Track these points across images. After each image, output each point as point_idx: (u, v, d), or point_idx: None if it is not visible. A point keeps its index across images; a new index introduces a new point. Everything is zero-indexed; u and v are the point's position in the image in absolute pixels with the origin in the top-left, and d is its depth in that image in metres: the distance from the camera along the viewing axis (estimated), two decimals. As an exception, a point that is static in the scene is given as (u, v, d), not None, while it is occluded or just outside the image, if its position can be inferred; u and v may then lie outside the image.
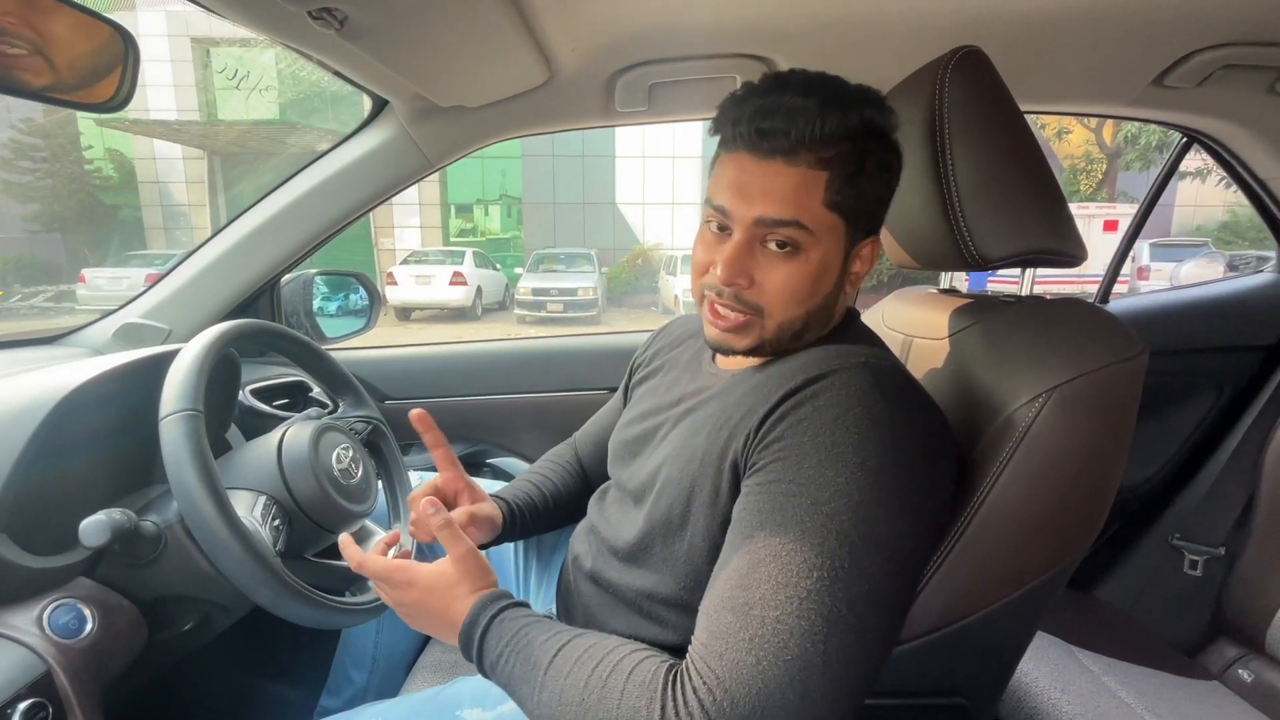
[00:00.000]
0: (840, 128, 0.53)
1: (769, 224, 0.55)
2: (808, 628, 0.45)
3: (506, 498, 0.81)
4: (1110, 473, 0.59)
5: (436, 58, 0.89)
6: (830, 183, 0.54)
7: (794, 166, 0.54)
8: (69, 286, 11.22)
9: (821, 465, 0.49)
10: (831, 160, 0.54)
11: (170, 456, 0.61)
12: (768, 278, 0.57)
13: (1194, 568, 1.28)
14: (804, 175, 0.54)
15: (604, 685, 0.48)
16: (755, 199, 0.55)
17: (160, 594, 0.69)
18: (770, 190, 0.55)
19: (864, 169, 0.55)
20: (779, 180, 0.54)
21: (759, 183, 0.55)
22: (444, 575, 0.59)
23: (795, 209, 0.54)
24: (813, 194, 0.54)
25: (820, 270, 0.57)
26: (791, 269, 0.57)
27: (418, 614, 0.60)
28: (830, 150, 0.54)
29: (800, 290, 0.57)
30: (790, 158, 0.54)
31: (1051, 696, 0.97)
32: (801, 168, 0.54)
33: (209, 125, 14.04)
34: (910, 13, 0.90)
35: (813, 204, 0.55)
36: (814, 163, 0.54)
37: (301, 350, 0.89)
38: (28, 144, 13.66)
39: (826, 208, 0.55)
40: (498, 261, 12.97)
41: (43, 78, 0.49)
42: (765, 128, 0.54)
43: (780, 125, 0.53)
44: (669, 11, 0.89)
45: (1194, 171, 11.73)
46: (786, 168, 0.54)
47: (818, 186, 0.54)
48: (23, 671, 0.56)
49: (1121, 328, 0.59)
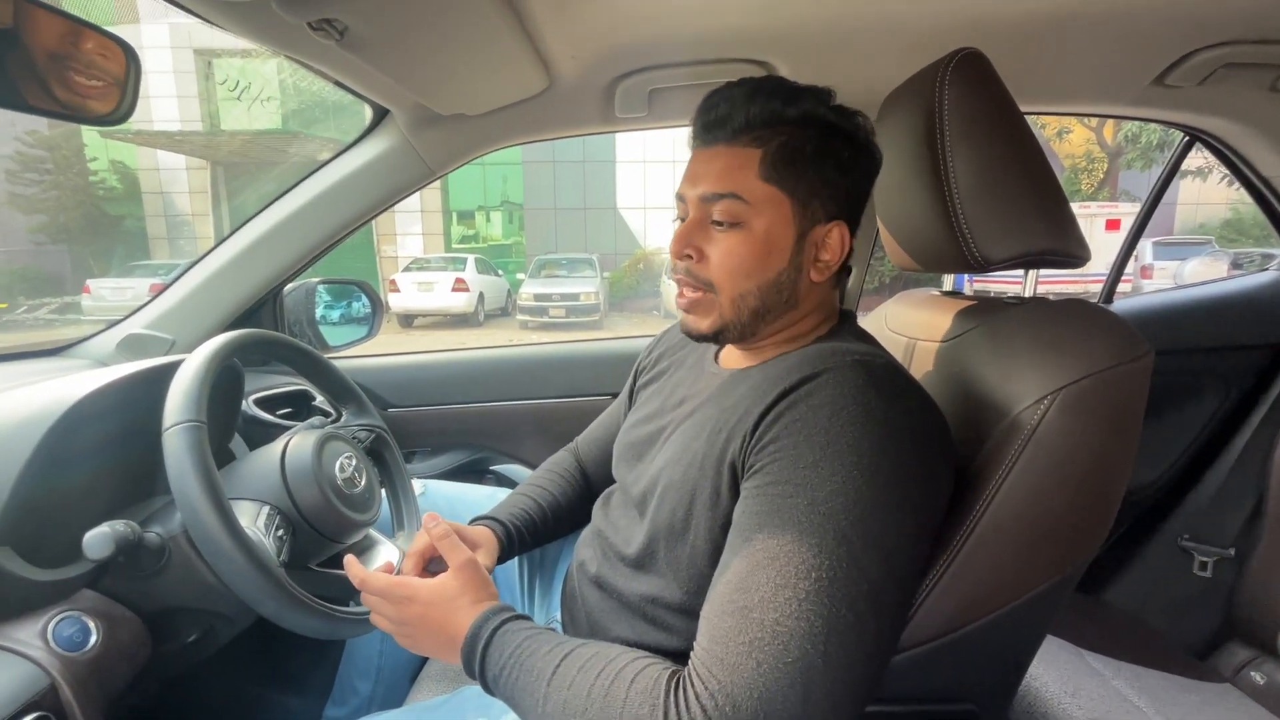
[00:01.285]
0: (770, 112, 0.59)
1: (709, 199, 0.60)
2: (807, 629, 0.45)
3: (502, 518, 0.80)
4: (1118, 474, 0.58)
5: (436, 67, 0.89)
6: (765, 158, 0.59)
7: (733, 147, 0.60)
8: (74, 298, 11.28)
9: (817, 464, 0.49)
10: (765, 138, 0.59)
11: (173, 468, 0.61)
12: (715, 251, 0.61)
13: (1203, 569, 1.27)
14: (739, 153, 0.60)
15: (606, 693, 0.48)
16: (699, 179, 0.61)
17: (164, 606, 0.69)
18: (711, 170, 0.60)
19: (805, 153, 0.59)
20: (718, 160, 0.60)
21: (703, 166, 0.61)
22: (445, 588, 0.60)
23: (730, 183, 0.59)
24: (747, 169, 0.59)
25: (765, 242, 0.60)
26: (734, 240, 0.60)
27: (419, 631, 0.60)
28: (763, 130, 0.59)
29: (745, 261, 0.60)
30: (730, 142, 0.60)
31: (1062, 701, 0.96)
32: (736, 148, 0.60)
33: (212, 135, 14.13)
34: (909, 16, 0.90)
35: (748, 178, 0.59)
36: (749, 142, 0.59)
37: (304, 359, 0.89)
38: (33, 156, 13.75)
39: (762, 180, 0.59)
40: (500, 267, 13.00)
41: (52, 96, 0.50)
42: (708, 119, 0.61)
43: (720, 114, 0.60)
44: (668, 18, 0.90)
45: (1195, 169, 11.71)
46: (726, 149, 0.60)
47: (752, 162, 0.59)
48: (27, 685, 0.55)
49: (1127, 328, 0.58)
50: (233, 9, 0.69)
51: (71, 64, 0.53)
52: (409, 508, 0.93)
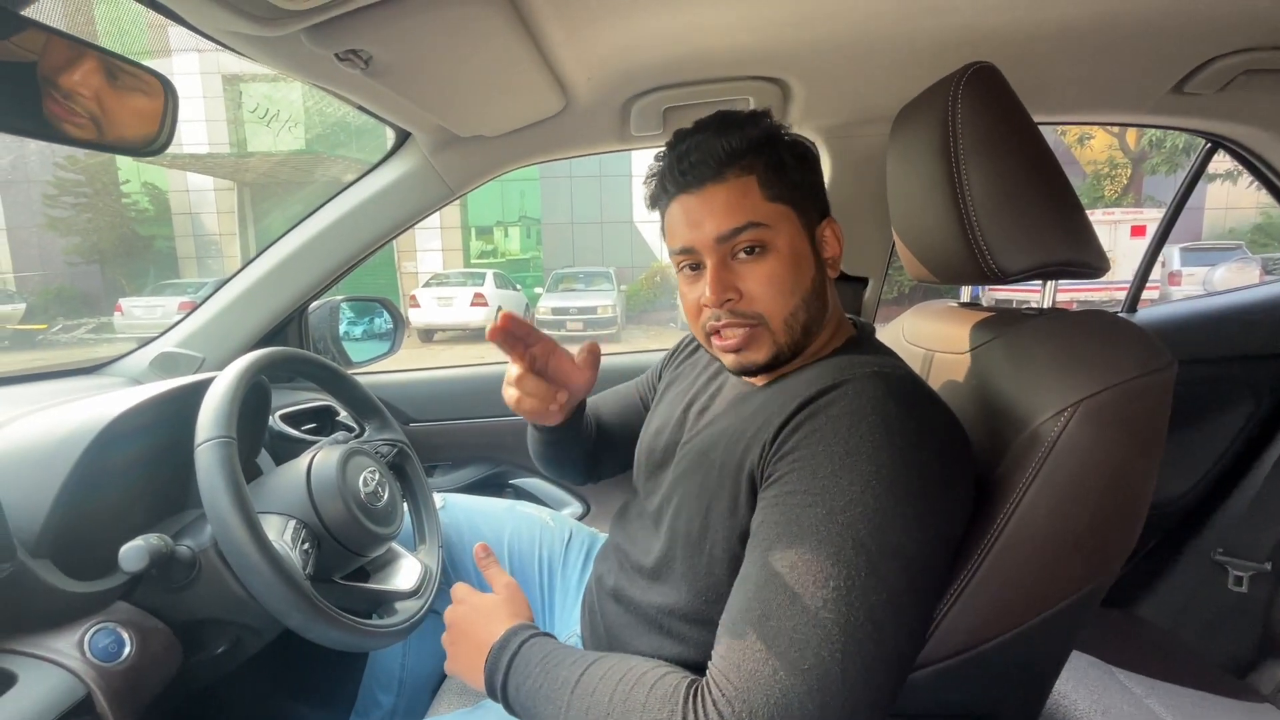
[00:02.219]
0: (745, 140, 0.61)
1: (728, 235, 0.60)
2: (824, 637, 0.45)
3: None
4: (1142, 487, 0.57)
5: (457, 91, 0.92)
6: (761, 181, 0.60)
7: (724, 182, 0.60)
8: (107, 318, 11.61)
9: (836, 474, 0.49)
10: (752, 164, 0.61)
11: (205, 483, 0.63)
12: (752, 284, 0.61)
13: (1239, 584, 1.24)
14: (735, 184, 0.60)
15: (627, 699, 0.50)
16: (706, 222, 0.61)
17: (194, 617, 0.70)
18: (715, 209, 0.60)
19: (784, 162, 0.62)
20: (718, 198, 0.60)
21: (703, 209, 0.61)
22: (489, 599, 0.68)
23: (743, 212, 0.60)
24: (750, 195, 0.60)
25: (794, 258, 0.61)
26: (767, 266, 0.61)
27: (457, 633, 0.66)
28: (747, 158, 0.60)
29: (785, 281, 0.61)
30: (718, 179, 0.60)
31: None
32: (730, 180, 0.60)
33: (239, 158, 14.53)
34: (921, 31, 0.90)
35: (756, 203, 0.60)
36: (739, 172, 0.60)
37: (328, 375, 0.91)
38: (70, 180, 14.25)
39: (769, 201, 0.61)
40: (518, 282, 13.14)
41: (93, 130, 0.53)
42: (686, 166, 0.61)
43: (698, 158, 0.61)
44: (682, 38, 0.91)
45: (1224, 173, 11.46)
46: (719, 186, 0.60)
47: (752, 187, 0.60)
48: (65, 694, 0.57)
49: (1148, 339, 0.58)
50: (265, 43, 0.72)
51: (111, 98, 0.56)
52: (430, 521, 0.94)
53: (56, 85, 0.52)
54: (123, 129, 0.55)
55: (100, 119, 0.55)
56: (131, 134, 0.56)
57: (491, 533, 0.98)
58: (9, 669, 0.57)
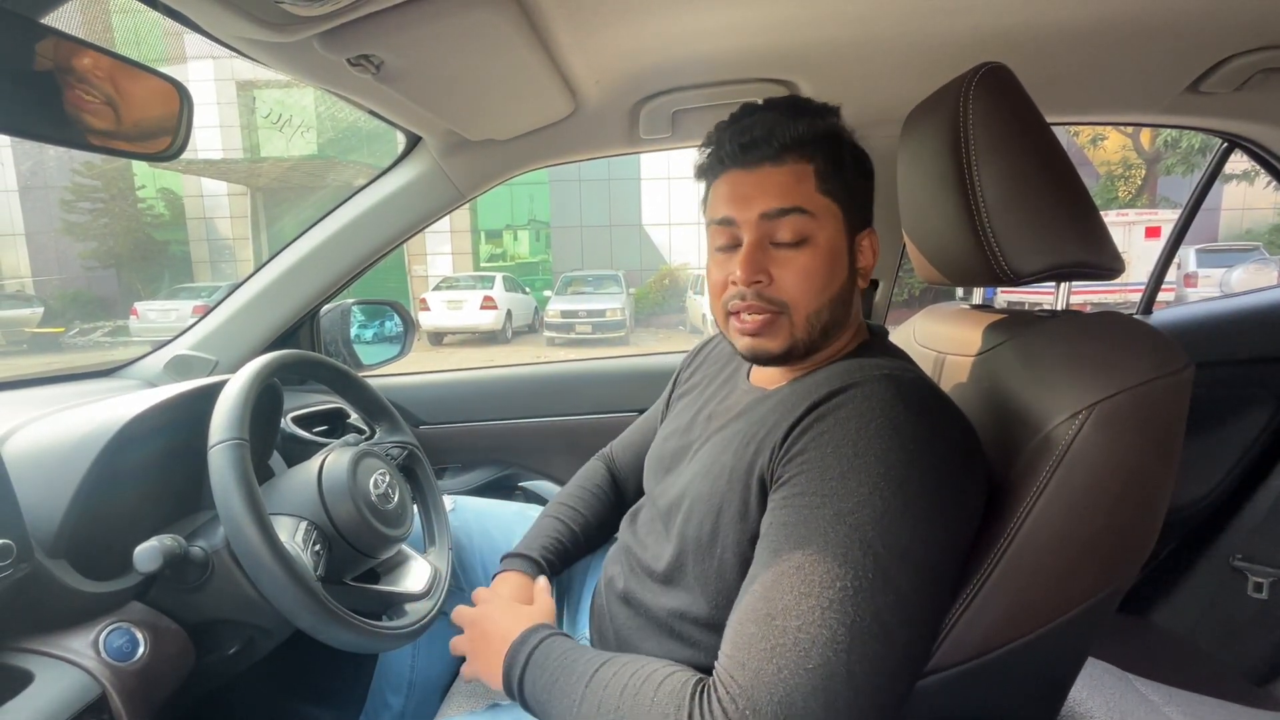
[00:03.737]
0: (812, 129, 0.60)
1: (774, 215, 0.59)
2: (830, 637, 0.45)
3: (533, 554, 0.82)
4: (1158, 492, 0.56)
5: (467, 96, 0.92)
6: (818, 172, 0.60)
7: (781, 166, 0.59)
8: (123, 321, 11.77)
9: (845, 476, 0.49)
10: (813, 155, 0.60)
11: (218, 484, 0.63)
12: (785, 271, 0.60)
13: (1259, 590, 1.21)
14: (793, 170, 0.59)
15: (636, 694, 0.50)
16: (755, 199, 0.60)
17: (207, 618, 0.71)
18: (767, 189, 0.60)
19: (844, 159, 0.61)
20: (772, 179, 0.60)
21: (755, 186, 0.60)
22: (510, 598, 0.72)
23: (795, 197, 0.59)
24: (805, 183, 0.59)
25: (830, 256, 0.60)
26: (805, 257, 0.60)
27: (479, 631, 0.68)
28: (809, 147, 0.60)
29: (818, 277, 0.60)
30: (776, 161, 0.60)
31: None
32: (788, 164, 0.59)
33: (252, 163, 14.70)
34: (932, 31, 0.90)
35: (808, 191, 0.59)
36: (798, 158, 0.59)
37: (339, 378, 0.92)
38: (87, 186, 14.47)
39: (821, 194, 0.60)
40: (527, 285, 13.18)
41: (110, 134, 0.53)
42: (747, 141, 0.60)
43: (761, 135, 0.59)
44: (691, 41, 0.91)
45: (1241, 173, 11.30)
46: (775, 169, 0.60)
47: (808, 176, 0.60)
48: (80, 693, 0.58)
49: (1164, 340, 0.57)
50: (278, 49, 0.72)
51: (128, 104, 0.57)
52: (440, 524, 0.95)
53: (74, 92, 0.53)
54: (138, 134, 0.56)
55: (116, 124, 0.56)
56: (147, 139, 0.57)
57: (501, 535, 0.99)
58: (25, 668, 0.58)
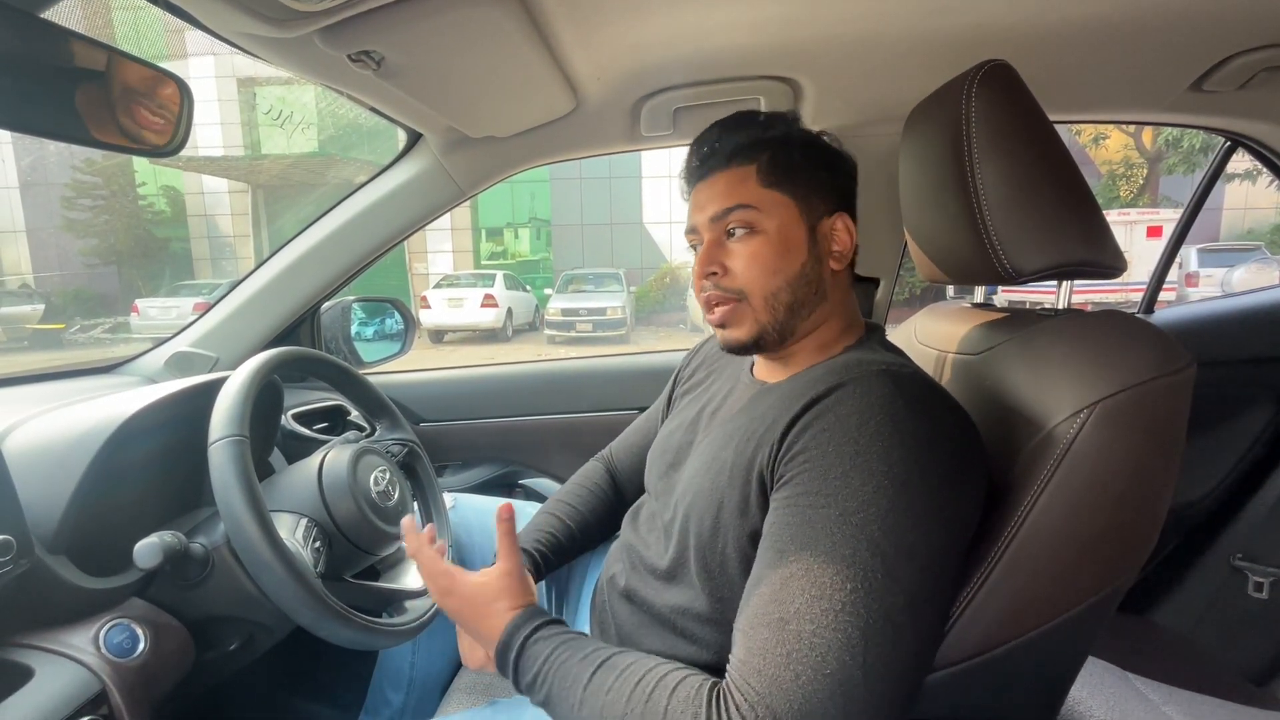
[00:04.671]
0: (753, 137, 0.65)
1: (720, 215, 0.65)
2: (845, 640, 0.45)
3: (528, 547, 0.81)
4: (1159, 491, 0.56)
5: (468, 92, 0.92)
6: (760, 169, 0.64)
7: (728, 170, 0.65)
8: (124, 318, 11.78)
9: (847, 475, 0.49)
10: (756, 157, 0.65)
11: (218, 481, 0.63)
12: (736, 260, 0.65)
13: (1259, 590, 1.21)
14: (735, 172, 0.65)
15: (647, 701, 0.49)
16: (707, 205, 0.66)
17: (207, 614, 0.71)
18: (715, 193, 0.66)
19: (792, 158, 0.65)
20: (718, 184, 0.66)
21: (705, 193, 0.67)
22: (484, 588, 0.62)
23: (735, 195, 0.64)
24: (747, 181, 0.64)
25: (781, 240, 0.64)
26: (753, 244, 0.64)
27: (458, 620, 0.65)
28: (752, 150, 0.65)
29: (768, 260, 0.64)
30: (724, 168, 0.66)
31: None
32: (732, 169, 0.65)
33: (253, 160, 14.69)
34: (935, 29, 0.89)
35: (750, 187, 0.64)
36: (742, 162, 0.65)
37: (340, 375, 0.92)
38: (88, 183, 14.46)
39: (765, 187, 0.64)
40: (527, 283, 13.16)
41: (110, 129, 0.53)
42: (700, 157, 0.68)
43: (707, 150, 0.67)
44: (692, 38, 0.91)
45: (1243, 173, 11.28)
46: (721, 174, 0.66)
47: (750, 175, 0.64)
48: (81, 689, 0.58)
49: (1166, 339, 0.57)
50: (278, 45, 0.72)
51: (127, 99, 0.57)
52: (440, 521, 0.95)
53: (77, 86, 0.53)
54: (138, 130, 0.56)
55: (116, 120, 0.55)
56: (147, 135, 0.57)
57: (501, 532, 0.99)
58: (26, 663, 0.58)
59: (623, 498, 0.93)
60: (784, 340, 0.66)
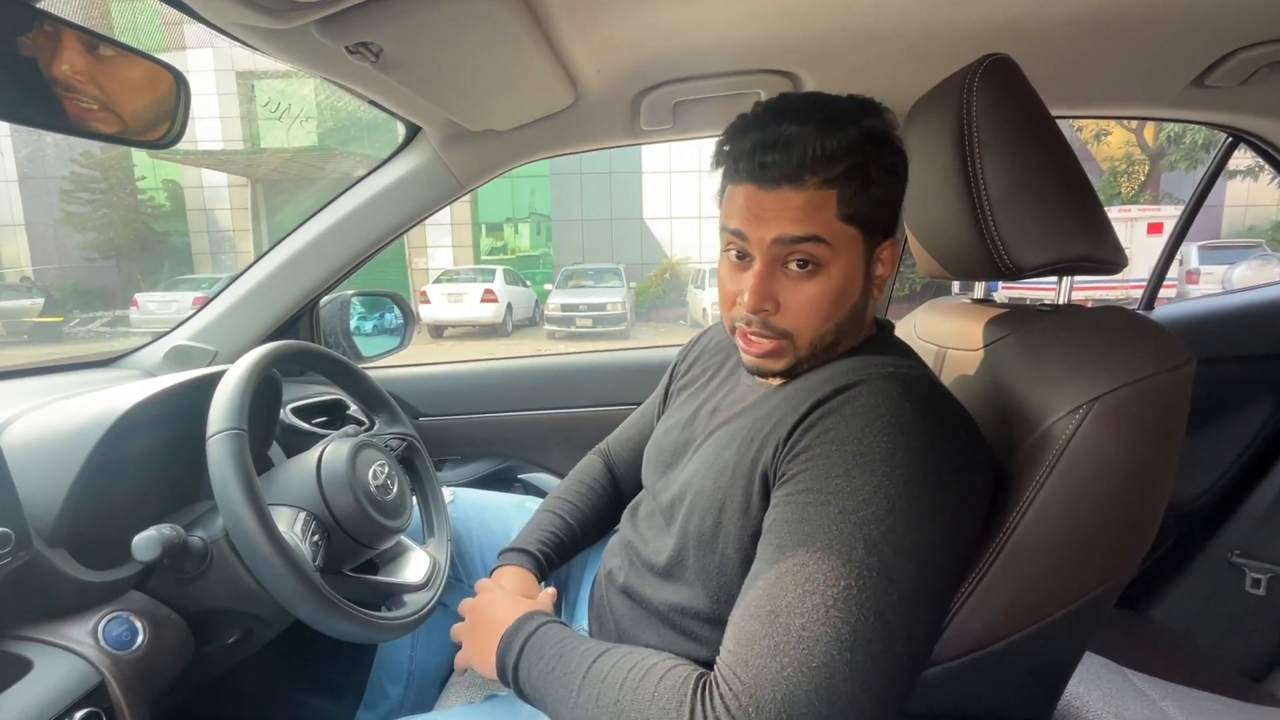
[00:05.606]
0: (840, 145, 0.54)
1: (788, 242, 0.56)
2: (834, 635, 0.45)
3: (531, 549, 0.81)
4: (1158, 487, 0.56)
5: (466, 85, 0.92)
6: (841, 198, 0.55)
7: (802, 190, 0.55)
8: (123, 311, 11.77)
9: (850, 474, 0.49)
10: (837, 178, 0.55)
11: (216, 474, 0.63)
12: (792, 300, 0.58)
13: (1257, 586, 1.22)
14: (813, 196, 0.55)
15: (636, 688, 0.50)
16: (770, 221, 0.56)
17: (206, 607, 0.71)
18: (784, 212, 0.55)
19: (871, 177, 0.56)
20: (790, 202, 0.55)
21: (771, 208, 0.56)
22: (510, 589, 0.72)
23: (811, 225, 0.55)
24: (825, 210, 0.55)
25: (843, 284, 0.58)
26: (814, 288, 0.57)
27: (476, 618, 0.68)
28: (835, 169, 0.54)
29: (825, 308, 0.58)
30: (796, 184, 0.55)
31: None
32: (809, 190, 0.55)
33: (252, 154, 14.65)
34: (937, 23, 0.89)
35: (828, 219, 0.55)
36: (820, 183, 0.55)
37: (339, 369, 0.92)
38: (87, 177, 14.42)
39: (841, 221, 0.56)
40: (527, 278, 13.15)
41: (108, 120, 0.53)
42: (766, 161, 0.55)
43: (780, 156, 0.54)
44: (692, 31, 0.91)
45: (1245, 169, 11.25)
46: (795, 192, 0.55)
47: (829, 203, 0.55)
48: (79, 682, 0.58)
49: (1166, 335, 0.57)
50: (276, 36, 0.72)
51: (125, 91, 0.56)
52: (439, 515, 0.95)
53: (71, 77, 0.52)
54: (135, 121, 0.56)
55: (113, 111, 0.55)
56: (144, 126, 0.57)
57: (499, 527, 0.99)
58: (24, 655, 0.58)
59: (621, 492, 0.93)
60: (814, 368, 0.63)
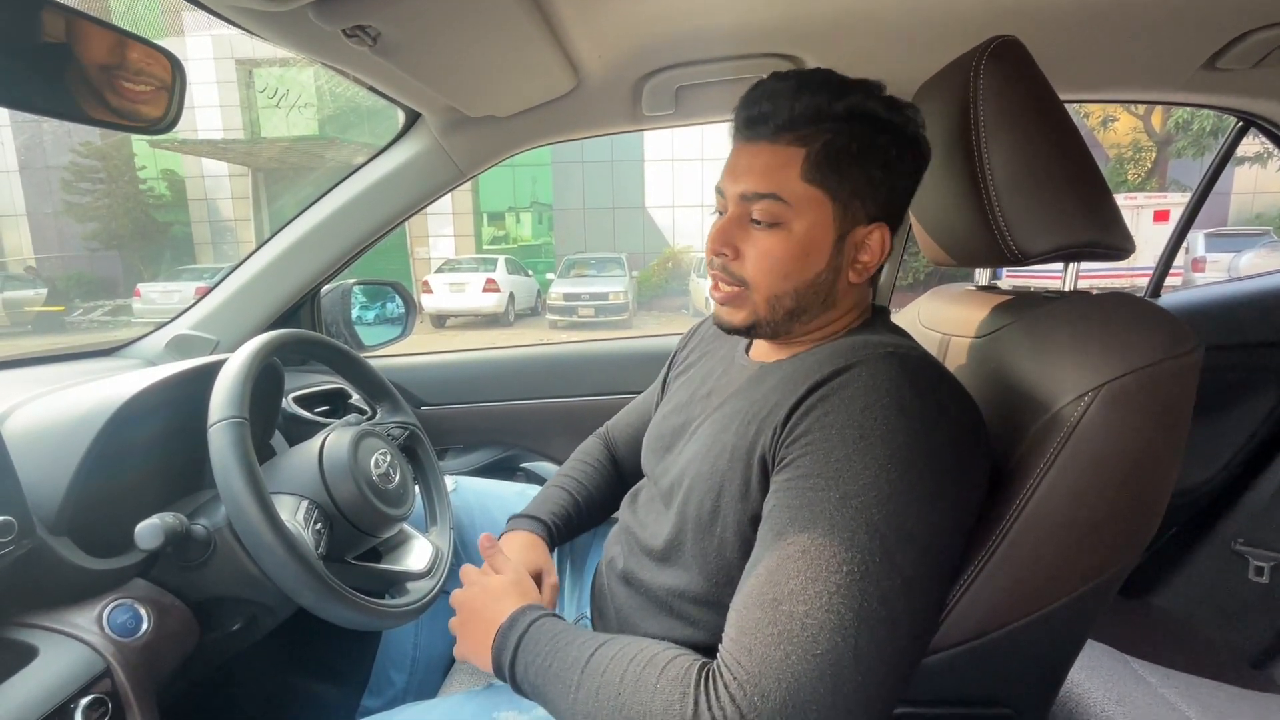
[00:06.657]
0: (815, 108, 0.57)
1: (750, 198, 0.59)
2: (837, 622, 0.45)
3: (542, 516, 0.82)
4: (1163, 474, 0.56)
5: (466, 70, 0.91)
6: (808, 158, 0.57)
7: (775, 145, 0.58)
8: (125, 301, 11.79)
9: (850, 458, 0.49)
10: (809, 137, 0.57)
11: (218, 463, 0.63)
12: (751, 249, 0.60)
13: (1259, 574, 1.22)
14: (782, 152, 0.58)
15: (638, 679, 0.49)
16: (740, 176, 0.60)
17: (210, 595, 0.71)
18: (753, 167, 0.59)
19: (849, 150, 0.57)
20: (760, 158, 0.59)
21: (745, 162, 0.60)
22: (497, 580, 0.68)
23: (772, 183, 0.58)
24: (789, 168, 0.58)
25: (804, 244, 0.59)
26: (772, 240, 0.59)
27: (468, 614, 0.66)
28: (807, 129, 0.57)
29: (781, 262, 0.59)
30: (773, 139, 0.58)
31: (1106, 709, 0.93)
32: (780, 145, 0.58)
33: (252, 143, 14.60)
34: (943, 5, 0.87)
35: (789, 178, 0.58)
36: (792, 140, 0.57)
37: (340, 358, 0.92)
38: (87, 166, 14.39)
39: (805, 181, 0.58)
40: (529, 268, 13.12)
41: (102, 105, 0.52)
42: (751, 114, 0.59)
43: (763, 110, 0.58)
44: (694, 15, 0.89)
45: (1253, 156, 11.14)
46: (768, 147, 0.58)
47: (795, 161, 0.57)
48: (85, 669, 0.58)
49: (1174, 322, 0.56)
50: (272, 19, 0.71)
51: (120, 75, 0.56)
52: (441, 503, 0.95)
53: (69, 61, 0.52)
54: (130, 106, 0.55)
55: (108, 96, 0.55)
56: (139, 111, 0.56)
57: (502, 515, 0.99)
58: (30, 643, 0.58)
59: (622, 475, 0.93)
60: (776, 337, 0.65)
